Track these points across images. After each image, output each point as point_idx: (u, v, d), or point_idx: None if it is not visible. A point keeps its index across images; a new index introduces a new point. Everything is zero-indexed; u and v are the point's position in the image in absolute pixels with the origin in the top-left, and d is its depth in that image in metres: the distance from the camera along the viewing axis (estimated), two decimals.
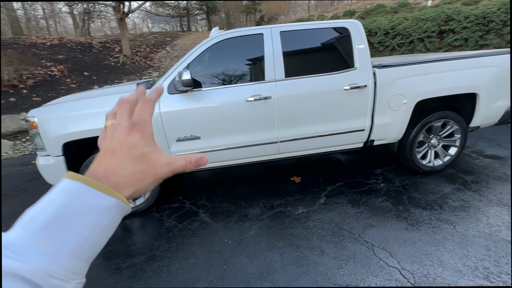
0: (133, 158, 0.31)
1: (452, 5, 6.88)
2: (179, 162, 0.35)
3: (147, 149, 0.33)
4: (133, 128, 0.32)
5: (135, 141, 0.32)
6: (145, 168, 0.32)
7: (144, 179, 0.32)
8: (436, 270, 1.68)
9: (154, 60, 10.99)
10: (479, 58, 2.59)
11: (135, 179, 0.31)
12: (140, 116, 0.34)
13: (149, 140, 0.33)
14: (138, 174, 0.32)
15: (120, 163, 0.31)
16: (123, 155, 0.31)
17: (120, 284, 1.77)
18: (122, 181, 0.30)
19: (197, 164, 0.36)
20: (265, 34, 2.42)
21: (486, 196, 2.41)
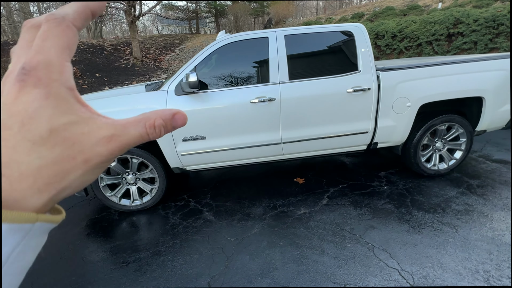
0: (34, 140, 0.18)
1: (461, 7, 6.81)
2: (131, 132, 0.21)
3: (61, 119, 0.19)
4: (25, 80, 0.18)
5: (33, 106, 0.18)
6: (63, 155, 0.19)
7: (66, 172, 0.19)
8: (436, 272, 1.69)
9: (163, 62, 11.21)
10: (486, 62, 2.58)
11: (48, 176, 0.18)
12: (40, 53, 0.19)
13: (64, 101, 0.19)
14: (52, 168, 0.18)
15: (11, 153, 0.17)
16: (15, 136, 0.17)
17: (127, 277, 1.85)
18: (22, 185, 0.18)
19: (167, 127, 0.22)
20: (270, 38, 2.48)
21: (491, 200, 2.39)
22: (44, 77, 0.18)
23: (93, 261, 2.02)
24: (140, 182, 2.63)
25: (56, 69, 0.19)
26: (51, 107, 0.18)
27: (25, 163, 0.18)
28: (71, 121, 0.19)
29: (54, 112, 0.18)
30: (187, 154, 2.50)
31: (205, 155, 2.53)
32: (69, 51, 0.20)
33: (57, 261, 2.03)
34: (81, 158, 0.19)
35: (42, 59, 0.18)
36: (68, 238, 2.32)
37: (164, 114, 0.22)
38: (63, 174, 0.19)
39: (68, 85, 0.20)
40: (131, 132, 0.21)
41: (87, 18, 0.22)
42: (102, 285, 1.79)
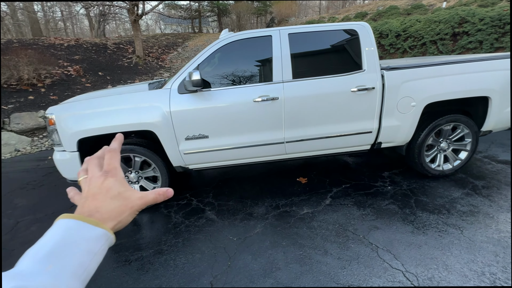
0: (111, 197, 0.39)
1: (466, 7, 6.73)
2: (149, 195, 0.42)
3: (122, 188, 0.40)
4: (107, 175, 0.40)
5: (111, 184, 0.40)
6: (122, 204, 0.39)
7: (122, 212, 0.39)
8: (441, 273, 1.67)
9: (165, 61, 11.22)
10: (492, 61, 2.55)
11: (116, 213, 0.38)
12: (110, 165, 0.42)
13: (122, 182, 0.41)
14: (117, 209, 0.39)
15: (101, 202, 0.38)
16: (102, 197, 0.38)
17: (129, 275, 1.84)
18: (105, 216, 0.37)
19: (165, 196, 0.44)
20: (274, 36, 2.46)
21: (497, 201, 2.36)
22: (114, 173, 0.41)
23: None
24: (143, 180, 2.63)
25: (118, 170, 0.42)
26: (118, 184, 0.41)
27: (107, 207, 0.39)
28: (125, 190, 0.41)
29: (119, 186, 0.41)
30: (189, 153, 2.49)
31: (208, 154, 2.52)
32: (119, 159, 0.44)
33: None
34: (129, 205, 0.41)
35: (113, 166, 0.42)
36: None
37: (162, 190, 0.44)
38: (121, 213, 0.40)
39: (123, 176, 0.43)
40: (150, 196, 0.43)
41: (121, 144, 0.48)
42: (105, 284, 1.79)
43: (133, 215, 0.41)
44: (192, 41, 14.03)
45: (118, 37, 13.70)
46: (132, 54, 10.62)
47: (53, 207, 2.85)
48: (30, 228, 2.49)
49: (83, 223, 0.35)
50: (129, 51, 11.03)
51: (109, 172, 0.41)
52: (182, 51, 12.67)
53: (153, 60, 10.86)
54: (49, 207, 2.86)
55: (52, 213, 2.72)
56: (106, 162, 0.42)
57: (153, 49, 12.03)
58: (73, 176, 2.49)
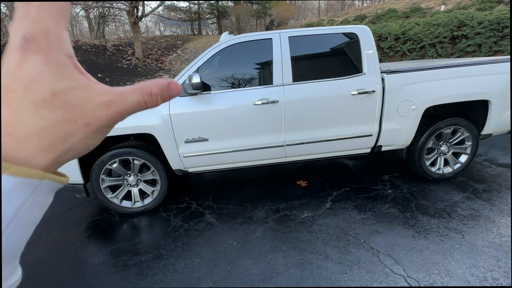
0: (37, 102, 0.19)
1: (465, 10, 6.77)
2: (129, 98, 0.22)
3: (61, 83, 0.20)
4: (26, 48, 0.19)
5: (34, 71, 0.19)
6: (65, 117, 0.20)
7: (69, 134, 0.20)
8: (443, 279, 1.65)
9: (165, 63, 11.23)
10: (492, 65, 2.55)
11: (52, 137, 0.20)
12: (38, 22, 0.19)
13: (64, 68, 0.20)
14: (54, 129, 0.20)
15: (16, 114, 0.19)
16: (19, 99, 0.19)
17: (127, 280, 1.82)
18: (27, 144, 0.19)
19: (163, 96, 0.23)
20: (274, 39, 2.46)
21: (498, 205, 2.35)
22: (44, 45, 0.19)
23: (93, 264, 1.99)
24: (142, 183, 2.61)
25: (54, 37, 0.20)
26: (52, 72, 0.19)
27: (30, 123, 0.19)
28: (71, 86, 0.20)
29: (55, 77, 0.20)
30: (189, 156, 2.48)
31: (208, 157, 2.51)
32: (64, 19, 0.21)
33: (57, 263, 2.01)
34: (82, 121, 0.21)
35: (41, 28, 0.19)
36: (69, 240, 2.30)
37: (160, 83, 0.23)
38: (66, 136, 0.20)
39: (67, 52, 0.21)
40: (129, 99, 0.22)
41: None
42: None
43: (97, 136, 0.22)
44: (191, 43, 14.06)
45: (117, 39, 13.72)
46: (132, 56, 10.63)
47: (50, 211, 2.81)
48: None
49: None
50: (128, 53, 11.03)
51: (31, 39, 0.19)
52: (181, 53, 12.69)
53: (152, 62, 10.87)
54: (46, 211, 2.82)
55: (49, 217, 2.68)
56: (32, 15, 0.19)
57: (152, 51, 12.04)
58: (71, 179, 2.46)
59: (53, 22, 0.20)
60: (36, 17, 0.19)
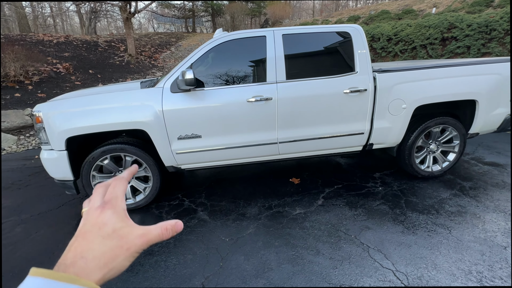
0: (104, 236, 0.31)
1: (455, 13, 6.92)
2: (153, 231, 0.34)
3: (118, 224, 0.32)
4: (104, 207, 0.33)
5: (106, 218, 0.32)
6: (117, 244, 0.31)
7: (116, 256, 0.30)
8: (430, 272, 1.69)
9: (158, 60, 11.09)
10: (479, 66, 2.62)
11: (107, 258, 0.30)
12: (112, 193, 0.35)
13: (121, 215, 0.33)
14: (109, 253, 0.30)
15: (90, 244, 0.30)
16: (93, 236, 0.31)
17: (118, 277, 1.79)
18: (92, 264, 0.29)
19: (173, 231, 0.35)
20: (268, 37, 2.47)
21: (483, 202, 2.43)
22: (114, 204, 0.34)
23: None
24: (134, 180, 2.58)
25: (119, 200, 0.35)
26: (115, 218, 0.32)
27: (96, 250, 0.30)
28: (123, 226, 0.32)
29: (116, 221, 0.32)
30: (182, 153, 2.46)
31: (200, 154, 2.50)
32: (125, 192, 0.37)
33: (46, 261, 1.97)
34: (126, 246, 0.31)
35: (114, 196, 0.35)
36: (58, 237, 2.26)
37: (170, 223, 0.35)
38: (115, 257, 0.30)
39: (124, 207, 0.35)
40: (154, 233, 0.34)
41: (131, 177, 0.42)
42: None
43: (130, 259, 0.32)
44: (185, 41, 13.93)
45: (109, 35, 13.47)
46: (124, 53, 10.46)
47: (39, 208, 2.76)
48: (14, 229, 2.41)
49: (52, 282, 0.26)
50: (121, 49, 10.86)
51: (107, 202, 0.33)
52: (175, 50, 12.56)
53: (145, 59, 10.72)
54: (34, 208, 2.77)
55: (38, 214, 2.64)
56: (109, 191, 0.36)
57: (145, 48, 11.88)
58: (61, 175, 2.42)
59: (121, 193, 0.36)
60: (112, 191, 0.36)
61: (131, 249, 0.31)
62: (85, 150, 2.53)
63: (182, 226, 0.36)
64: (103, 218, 0.32)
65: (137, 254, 0.32)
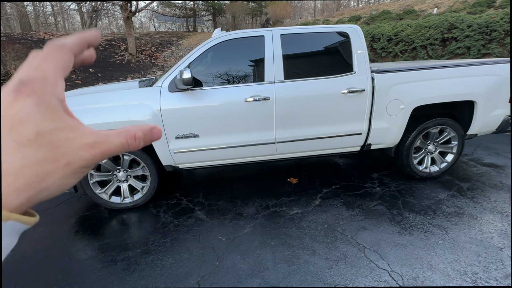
0: (20, 141, 0.20)
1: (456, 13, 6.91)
2: (113, 140, 0.23)
3: (48, 124, 0.20)
4: (20, 90, 0.20)
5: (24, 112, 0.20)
6: (47, 156, 0.20)
7: (47, 173, 0.20)
8: (425, 273, 1.70)
9: (159, 59, 11.11)
10: (478, 66, 2.62)
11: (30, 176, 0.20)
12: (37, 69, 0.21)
13: (53, 111, 0.21)
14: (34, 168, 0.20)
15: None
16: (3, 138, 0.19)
17: (114, 275, 1.81)
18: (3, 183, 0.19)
19: (145, 140, 0.25)
20: (266, 36, 2.47)
21: (481, 203, 2.43)
22: (38, 89, 0.21)
23: (80, 259, 1.97)
24: (131, 179, 2.59)
25: (50, 82, 0.21)
26: (41, 114, 0.20)
27: (9, 162, 0.19)
28: (58, 127, 0.21)
29: (42, 118, 0.20)
30: (179, 152, 2.47)
31: (198, 153, 2.50)
32: (64, 70, 0.23)
33: (43, 259, 1.98)
34: (63, 161, 0.21)
35: (39, 74, 0.21)
36: (56, 236, 2.27)
37: (143, 128, 0.24)
38: (44, 175, 0.20)
39: (59, 97, 0.22)
40: (113, 141, 0.23)
41: (83, 47, 0.25)
42: (89, 284, 1.75)
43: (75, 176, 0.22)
44: (186, 40, 13.93)
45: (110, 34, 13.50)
46: (125, 52, 10.47)
47: (37, 206, 2.77)
48: None
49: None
50: (121, 48, 10.87)
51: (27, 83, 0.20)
52: (176, 49, 12.57)
53: (146, 58, 10.74)
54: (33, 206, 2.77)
55: None
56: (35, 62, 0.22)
57: (146, 47, 11.89)
58: None
59: (52, 71, 0.22)
60: (38, 65, 0.21)
61: (74, 164, 0.21)
62: None
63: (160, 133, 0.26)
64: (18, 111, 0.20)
65: (85, 169, 0.22)
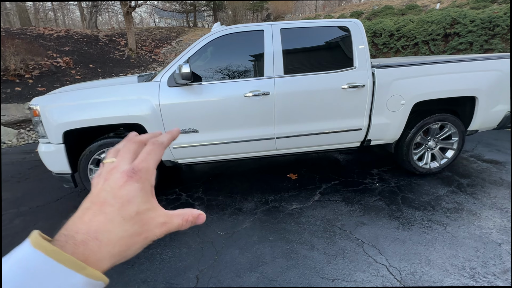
0: (125, 217, 0.25)
1: (459, 8, 6.82)
2: (175, 221, 0.29)
3: (144, 205, 0.26)
4: (132, 177, 0.26)
5: (132, 194, 0.25)
6: (137, 231, 0.25)
7: (133, 244, 0.25)
8: (423, 268, 1.70)
9: (159, 55, 11.05)
10: (479, 62, 2.59)
11: (123, 246, 0.24)
12: (144, 162, 0.27)
13: (148, 195, 0.27)
14: (127, 240, 0.25)
15: (108, 224, 0.24)
16: (113, 212, 0.24)
17: (113, 269, 1.80)
18: (105, 250, 0.23)
19: (193, 223, 0.30)
20: (266, 31, 2.45)
21: (480, 199, 2.42)
22: (144, 177, 0.27)
23: None
24: None
25: (150, 173, 0.28)
26: (141, 197, 0.26)
27: (114, 233, 0.24)
28: (148, 208, 0.27)
29: (141, 201, 0.26)
30: (179, 147, 2.47)
31: (198, 149, 2.50)
32: (158, 162, 0.29)
33: None
34: (144, 235, 0.26)
35: (146, 166, 0.27)
36: (56, 230, 2.26)
37: (193, 213, 0.30)
38: (130, 245, 0.25)
39: (152, 183, 0.28)
40: (174, 221, 0.29)
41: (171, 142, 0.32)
42: None
43: (144, 246, 0.27)
44: (186, 36, 13.85)
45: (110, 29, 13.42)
46: (125, 47, 10.42)
47: (38, 201, 2.78)
48: (13, 221, 2.43)
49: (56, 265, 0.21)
50: (121, 43, 10.82)
51: (137, 172, 0.26)
52: (176, 45, 12.50)
53: (146, 54, 10.69)
54: (33, 200, 2.79)
55: (36, 207, 2.66)
56: (142, 155, 0.28)
57: (146, 43, 11.83)
58: (58, 169, 2.43)
59: (153, 163, 0.28)
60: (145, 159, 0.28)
61: (149, 238, 0.27)
62: (83, 144, 2.54)
63: (205, 219, 0.31)
64: (129, 192, 0.25)
65: (151, 242, 0.27)
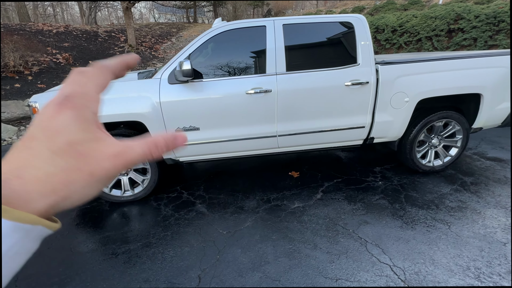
0: (54, 150, 0.21)
1: (463, 3, 6.72)
2: (135, 150, 0.24)
3: (79, 135, 0.22)
4: (65, 104, 0.22)
5: (61, 124, 0.21)
6: (72, 166, 0.21)
7: (71, 182, 0.21)
8: (428, 268, 1.68)
9: (159, 51, 10.97)
10: (484, 58, 2.54)
11: (56, 183, 0.21)
12: (81, 86, 0.23)
13: (88, 123, 0.22)
14: (60, 176, 0.21)
15: (32, 159, 0.20)
16: (40, 146, 0.21)
17: (115, 268, 1.81)
18: (32, 188, 0.20)
19: (169, 147, 0.25)
20: (268, 27, 2.40)
21: (484, 198, 2.40)
22: (80, 104, 0.23)
23: (81, 252, 1.97)
24: (132, 172, 2.57)
25: (89, 98, 0.23)
26: (76, 125, 0.22)
27: (41, 169, 0.20)
28: (87, 138, 0.22)
29: (76, 129, 0.22)
30: None
31: (199, 147, 2.48)
32: (102, 88, 0.25)
33: (45, 251, 1.98)
34: (87, 170, 0.22)
35: (82, 91, 0.23)
36: None
37: (167, 136, 0.25)
38: (68, 182, 0.21)
39: (94, 110, 0.24)
40: (135, 150, 0.24)
41: (123, 68, 0.28)
42: (90, 276, 1.75)
43: (98, 186, 0.23)
44: (186, 31, 13.73)
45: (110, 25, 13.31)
46: (124, 43, 10.34)
47: None
48: None
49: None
50: (121, 39, 10.73)
51: (69, 99, 0.22)
52: (176, 41, 12.40)
53: (146, 50, 10.61)
54: None
55: None
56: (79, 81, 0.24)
57: (146, 38, 11.73)
58: None
59: (93, 88, 0.24)
60: (82, 83, 0.24)
61: (96, 173, 0.22)
62: None
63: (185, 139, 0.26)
64: (58, 122, 0.21)
65: (108, 180, 0.23)
